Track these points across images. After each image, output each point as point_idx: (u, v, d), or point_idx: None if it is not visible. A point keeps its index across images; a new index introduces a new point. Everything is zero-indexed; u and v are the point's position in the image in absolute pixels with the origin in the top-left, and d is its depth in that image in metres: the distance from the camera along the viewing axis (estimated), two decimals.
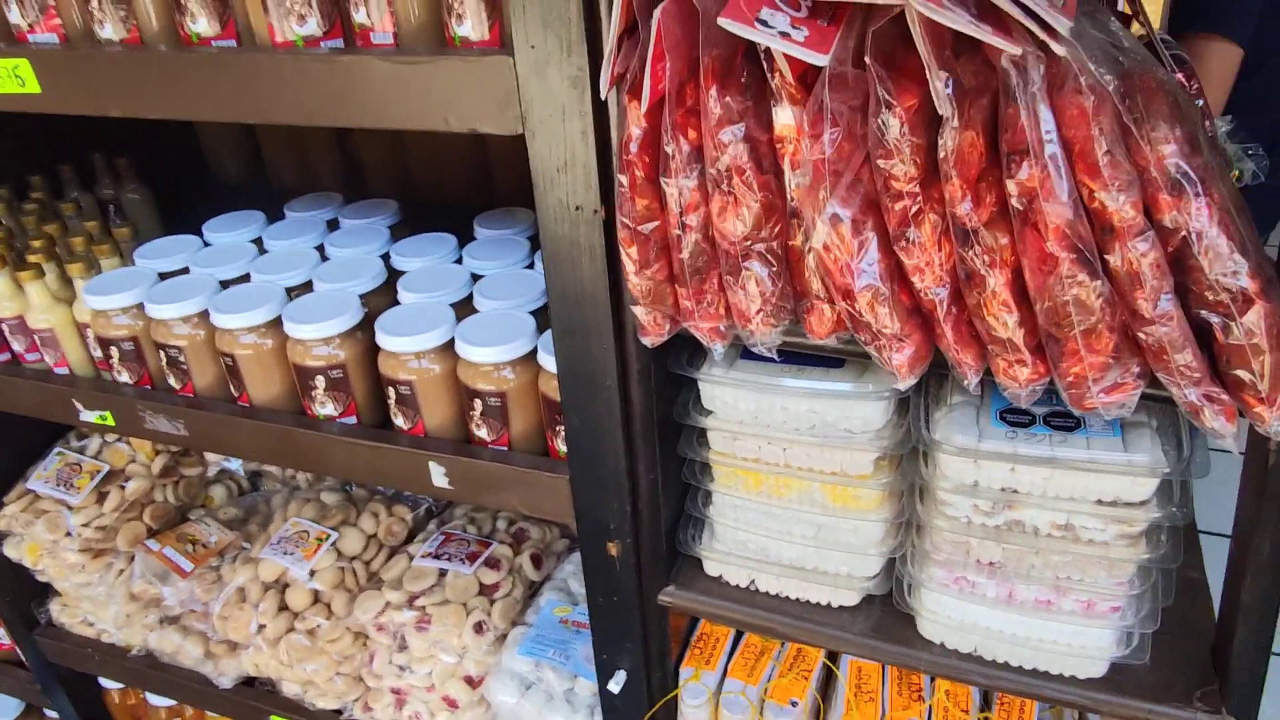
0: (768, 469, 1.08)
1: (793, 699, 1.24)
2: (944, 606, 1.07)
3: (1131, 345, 0.77)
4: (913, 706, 1.22)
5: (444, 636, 1.50)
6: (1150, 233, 0.72)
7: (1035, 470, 0.93)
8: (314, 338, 1.23)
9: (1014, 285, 0.78)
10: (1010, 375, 0.82)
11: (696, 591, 1.20)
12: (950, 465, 0.97)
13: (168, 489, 1.85)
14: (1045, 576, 0.99)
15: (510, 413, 1.19)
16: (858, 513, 1.06)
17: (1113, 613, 1.00)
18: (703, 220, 0.86)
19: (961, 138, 0.74)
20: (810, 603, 1.17)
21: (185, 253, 1.45)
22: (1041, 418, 0.97)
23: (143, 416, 1.38)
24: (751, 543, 1.15)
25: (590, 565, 1.21)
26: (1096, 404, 0.79)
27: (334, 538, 1.64)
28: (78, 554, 1.73)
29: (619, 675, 1.29)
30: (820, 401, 1.01)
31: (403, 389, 1.21)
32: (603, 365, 1.03)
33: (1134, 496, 0.92)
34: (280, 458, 1.32)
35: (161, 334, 1.33)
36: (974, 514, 0.99)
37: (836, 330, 0.89)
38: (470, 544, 1.63)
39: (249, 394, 1.32)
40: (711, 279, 0.90)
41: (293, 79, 0.98)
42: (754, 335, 0.90)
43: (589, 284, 0.99)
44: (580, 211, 0.95)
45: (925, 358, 0.86)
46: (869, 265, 0.80)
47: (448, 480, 1.22)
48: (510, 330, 1.18)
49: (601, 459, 1.10)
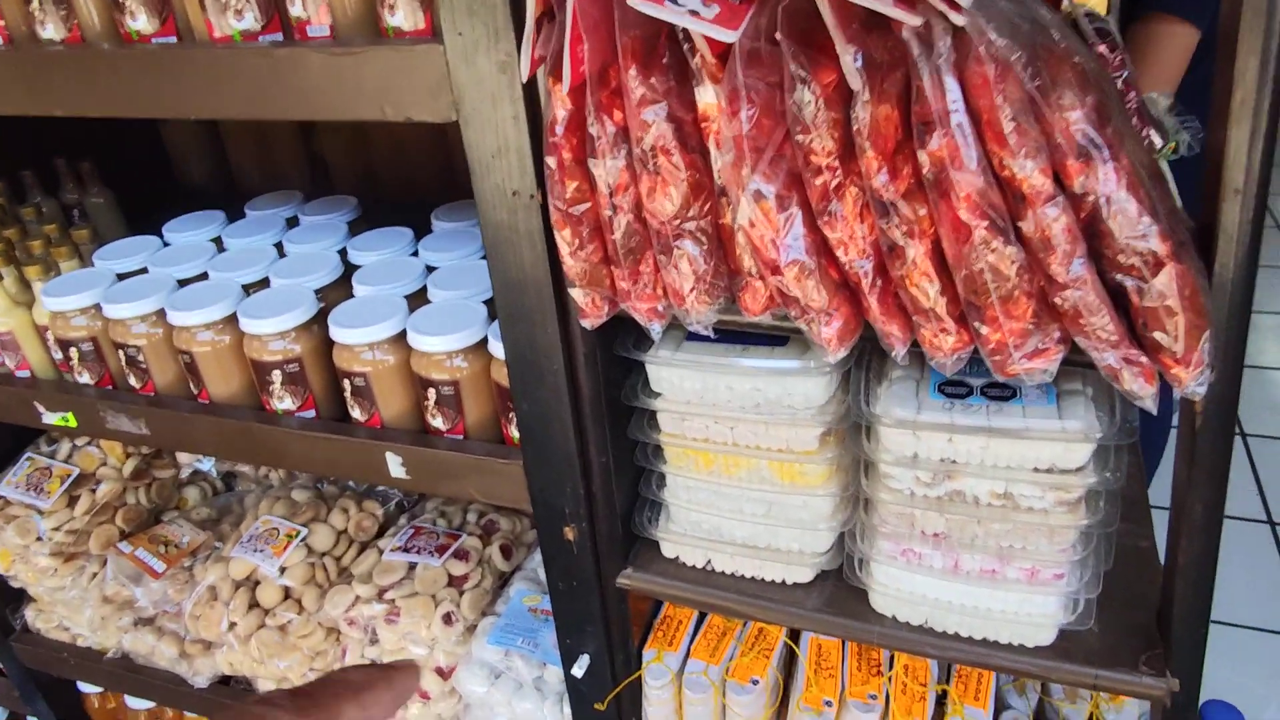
0: (716, 448, 1.09)
1: (754, 677, 1.25)
2: (893, 579, 1.08)
3: (1050, 311, 0.79)
4: (871, 681, 1.23)
5: (413, 628, 1.51)
6: (1060, 199, 0.73)
7: (972, 440, 0.95)
8: (269, 332, 1.24)
9: (934, 255, 0.79)
10: (935, 345, 0.83)
11: (654, 573, 1.21)
12: (891, 438, 0.98)
13: (140, 491, 1.86)
14: (988, 545, 1.01)
15: (464, 402, 1.20)
16: (806, 488, 1.07)
17: (1056, 580, 1.01)
18: (633, 201, 0.87)
19: (875, 111, 0.75)
20: (765, 581, 1.18)
21: (144, 253, 1.46)
22: (979, 389, 0.98)
23: (104, 417, 1.39)
24: (705, 523, 1.17)
25: (548, 551, 1.22)
26: (1019, 370, 0.81)
27: (304, 534, 1.65)
28: (49, 558, 1.74)
29: (582, 660, 1.30)
30: (763, 379, 1.02)
31: (357, 381, 1.22)
32: (548, 351, 1.04)
33: (1070, 463, 0.93)
34: (241, 453, 1.33)
35: (120, 334, 1.34)
36: (916, 486, 1.00)
37: (770, 307, 0.91)
38: (439, 536, 1.64)
39: (208, 391, 1.32)
40: (646, 259, 0.91)
41: (230, 73, 0.99)
42: (690, 314, 0.91)
43: (530, 269, 1.00)
44: (517, 197, 0.96)
45: (855, 330, 0.87)
46: (794, 240, 0.81)
47: (405, 470, 1.23)
48: (462, 319, 1.19)
49: (552, 444, 1.11)
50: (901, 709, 1.19)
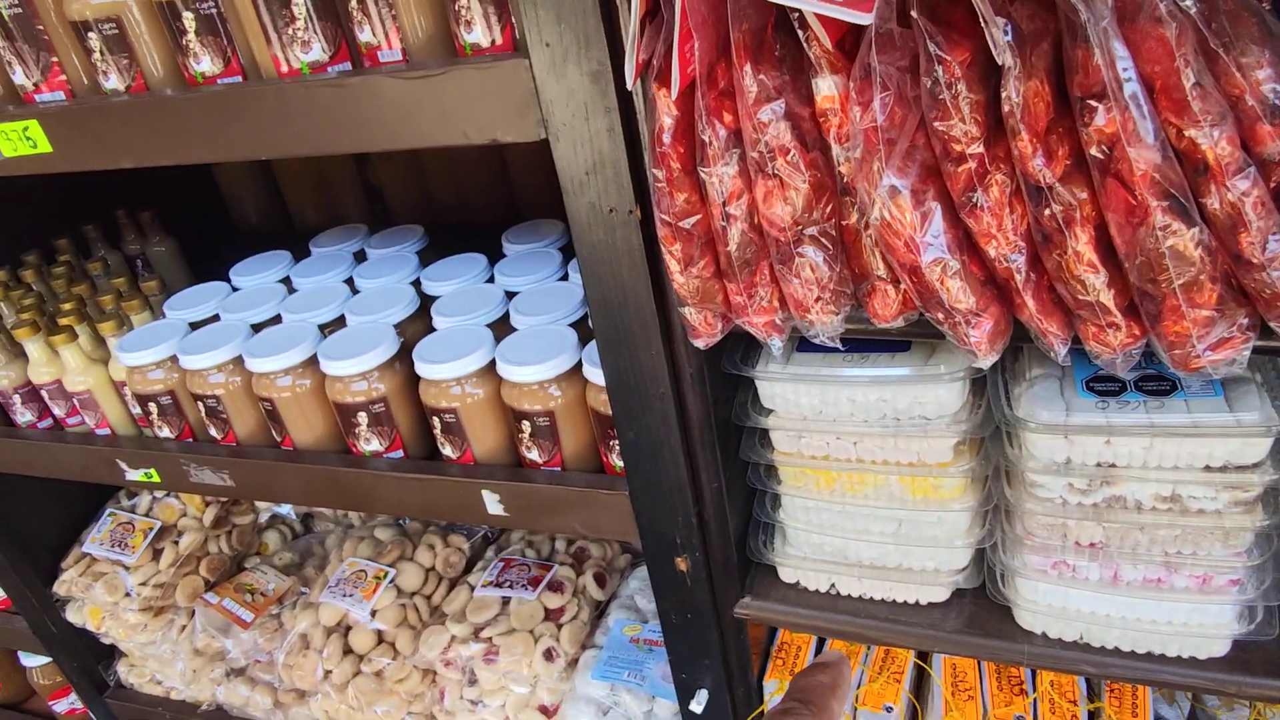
0: (838, 465, 1.01)
1: (886, 704, 1.17)
2: (1042, 594, 0.99)
3: (1237, 295, 0.70)
4: (1015, 702, 1.14)
5: (513, 667, 1.46)
6: (1251, 169, 0.64)
7: (1133, 440, 0.86)
8: (352, 373, 1.19)
9: (1098, 243, 0.71)
10: (1102, 341, 0.75)
11: (773, 600, 1.14)
12: (1038, 444, 0.90)
13: (221, 540, 1.83)
14: (1153, 554, 0.92)
15: (560, 431, 1.14)
16: (940, 503, 0.99)
17: (1231, 586, 0.92)
18: (747, 208, 0.80)
19: (1026, 87, 0.67)
20: (897, 602, 1.10)
21: (214, 300, 1.42)
22: (1132, 383, 0.89)
23: (187, 470, 1.35)
24: (828, 545, 1.09)
25: (659, 583, 1.15)
26: (1204, 363, 0.72)
27: (392, 575, 1.61)
28: (138, 614, 1.72)
29: (700, 695, 1.23)
30: (889, 389, 0.94)
31: (447, 417, 1.17)
32: (653, 373, 0.97)
33: (1245, 459, 0.84)
34: (329, 499, 1.28)
35: (197, 384, 1.30)
36: (1069, 493, 0.92)
37: (904, 312, 0.83)
38: (531, 569, 1.58)
39: (291, 437, 1.28)
40: (762, 270, 0.84)
41: (302, 108, 0.94)
42: (813, 325, 0.84)
43: (630, 289, 0.93)
44: (615, 214, 0.89)
45: (1005, 332, 0.79)
46: (934, 237, 0.74)
47: (503, 508, 1.17)
48: (552, 346, 1.12)
49: (661, 472, 1.04)
50: None
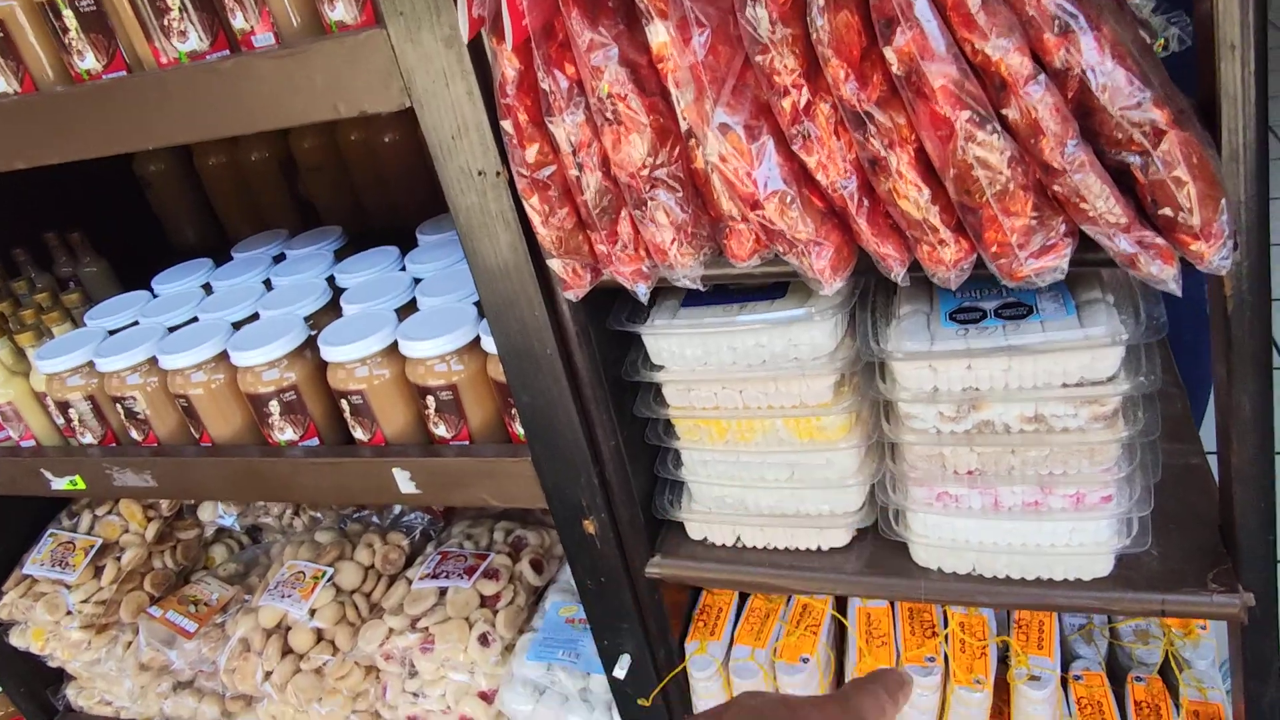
0: (728, 414, 1.04)
1: (803, 655, 1.19)
2: (932, 527, 1.02)
3: (1051, 203, 0.74)
4: (927, 644, 1.17)
5: (450, 654, 1.47)
6: (1042, 77, 0.68)
7: (993, 363, 0.89)
8: (261, 362, 1.21)
9: (919, 162, 0.74)
10: (935, 259, 0.78)
11: (683, 558, 1.16)
12: (906, 374, 0.93)
13: (165, 555, 1.84)
14: (1027, 475, 0.95)
15: (465, 405, 1.16)
16: (827, 444, 1.02)
17: (1105, 503, 0.95)
18: (599, 157, 0.83)
19: (834, 18, 0.71)
20: (800, 550, 1.12)
21: (134, 308, 1.44)
22: (992, 311, 0.93)
23: (110, 474, 1.36)
24: (729, 497, 1.11)
25: (570, 548, 1.17)
26: (1028, 272, 0.75)
27: (329, 574, 1.61)
28: (80, 631, 1.71)
29: (623, 660, 1.24)
30: (764, 333, 0.97)
31: (355, 399, 1.19)
32: (539, 333, 1.00)
33: (1099, 373, 0.88)
34: (248, 492, 1.30)
35: (115, 387, 1.31)
36: (940, 422, 0.95)
37: (757, 250, 0.86)
38: (468, 559, 1.60)
39: (209, 433, 1.30)
40: (622, 218, 0.87)
41: (182, 95, 0.97)
42: (675, 269, 0.87)
43: (507, 251, 0.96)
44: (484, 176, 0.92)
45: (848, 260, 0.82)
46: (770, 170, 0.77)
47: (414, 484, 1.19)
48: (452, 321, 1.15)
49: (558, 434, 1.07)
50: (962, 668, 1.13)
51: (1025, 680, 1.10)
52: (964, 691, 1.11)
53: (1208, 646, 1.25)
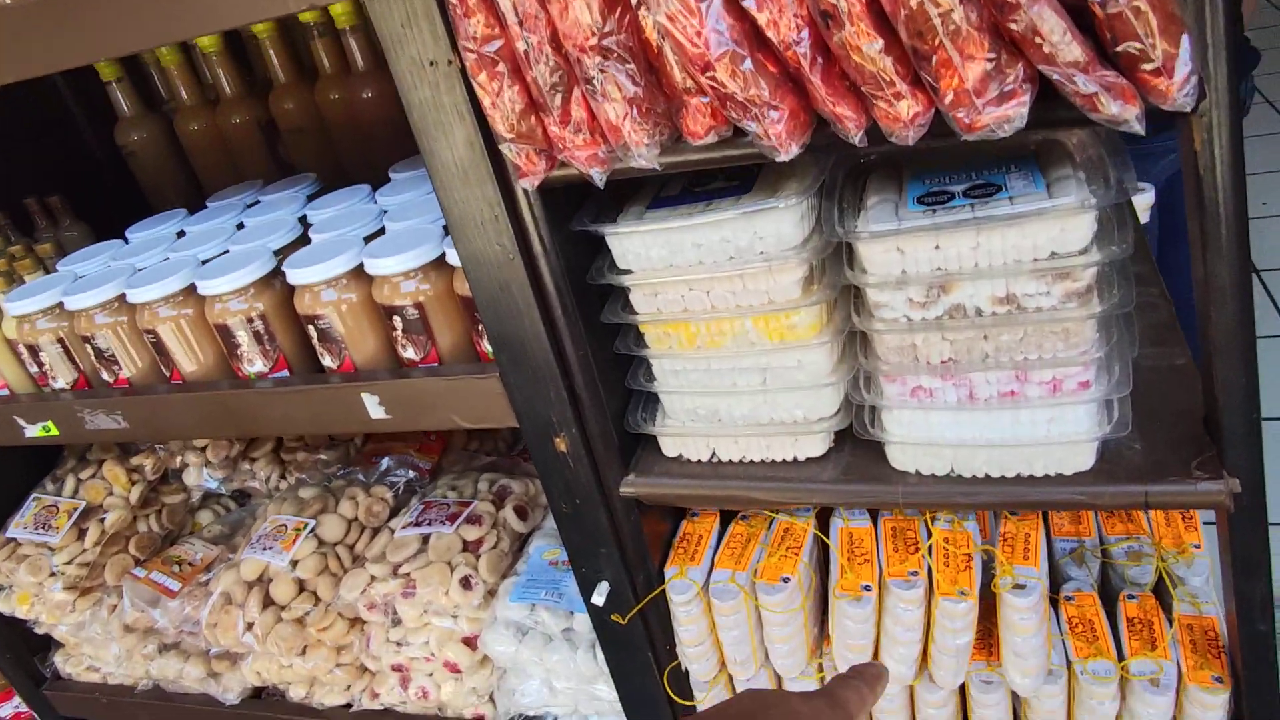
0: (696, 317, 1.02)
1: (784, 575, 1.16)
2: (907, 425, 0.99)
3: (1008, 46, 0.71)
4: (910, 559, 1.13)
5: (432, 598, 1.44)
6: None
7: (960, 239, 0.87)
8: (227, 291, 1.19)
9: (871, 10, 0.72)
10: (893, 118, 0.76)
11: (658, 475, 1.14)
12: (873, 258, 0.91)
13: (151, 519, 1.82)
14: (1001, 362, 0.92)
15: (433, 325, 1.14)
16: (797, 343, 1.00)
17: (1083, 389, 0.92)
18: (547, 30, 0.81)
19: None
20: (776, 462, 1.10)
21: (106, 254, 1.43)
22: (960, 193, 0.90)
23: (82, 418, 1.34)
24: (701, 408, 1.09)
25: (544, 469, 1.15)
26: (988, 121, 0.73)
27: (312, 525, 1.59)
28: (64, 592, 1.70)
29: (601, 586, 1.22)
30: (729, 226, 0.95)
31: (322, 324, 1.17)
32: (500, 236, 0.98)
33: (1071, 245, 0.85)
34: (220, 427, 1.28)
35: (84, 327, 1.30)
36: (910, 309, 0.92)
37: (715, 125, 0.84)
38: (451, 506, 1.57)
39: (180, 370, 1.28)
40: (575, 99, 0.85)
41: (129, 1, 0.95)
42: (630, 150, 0.85)
43: (463, 147, 0.94)
44: (435, 67, 0.90)
45: (805, 125, 0.80)
46: (719, 28, 0.75)
47: (384, 410, 1.17)
48: (416, 239, 1.13)
49: (524, 345, 1.05)
50: (946, 580, 1.10)
51: (1010, 589, 1.07)
52: (948, 603, 1.08)
53: (1202, 564, 1.22)
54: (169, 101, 1.97)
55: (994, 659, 1.17)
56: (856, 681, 0.67)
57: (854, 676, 0.68)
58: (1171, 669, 1.10)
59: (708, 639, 1.23)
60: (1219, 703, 1.06)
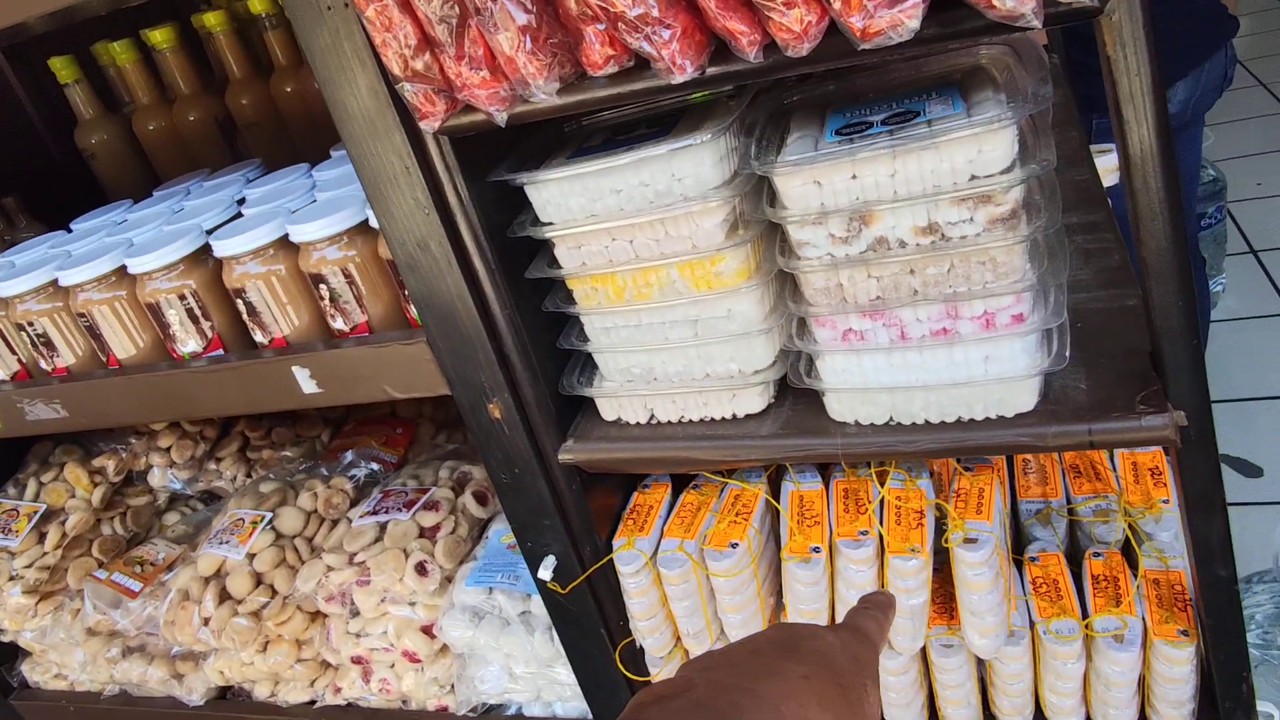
0: (621, 269, 0.98)
1: (732, 541, 1.12)
2: (841, 371, 0.95)
3: None
4: (860, 519, 1.09)
5: (388, 585, 1.41)
6: None
7: (878, 167, 0.83)
8: (156, 267, 1.17)
9: None
10: (786, 29, 0.72)
11: (596, 439, 1.10)
12: (791, 193, 0.87)
13: (115, 521, 1.80)
14: (930, 296, 0.88)
15: (361, 292, 1.11)
16: (725, 290, 0.96)
17: (1017, 322, 0.88)
18: None
19: None
20: (715, 420, 1.06)
21: (46, 244, 1.41)
22: (879, 122, 0.87)
23: (22, 409, 1.32)
24: (636, 367, 1.05)
25: (480, 439, 1.11)
26: (881, 25, 0.70)
27: (269, 518, 1.56)
28: (24, 596, 1.67)
29: (548, 561, 1.18)
30: (646, 168, 0.92)
31: (250, 297, 1.14)
32: (413, 190, 0.95)
33: (991, 165, 0.81)
34: (156, 410, 1.26)
35: (20, 315, 1.28)
36: (833, 245, 0.88)
37: (613, 55, 0.81)
38: (409, 494, 1.54)
39: (115, 355, 1.25)
40: (471, 34, 0.82)
41: None
42: (530, 84, 0.82)
43: (367, 95, 0.91)
44: (332, 11, 0.88)
45: (701, 44, 0.77)
46: None
47: (316, 383, 1.14)
48: (339, 205, 1.10)
49: (449, 307, 1.02)
50: (897, 539, 1.05)
51: (961, 543, 1.02)
52: (898, 561, 1.03)
53: (1171, 519, 1.17)
54: (127, 103, 1.96)
55: (954, 622, 1.12)
56: (873, 611, 0.68)
57: (869, 606, 0.69)
58: (1136, 624, 1.05)
59: (659, 612, 1.19)
60: (1185, 656, 1.01)
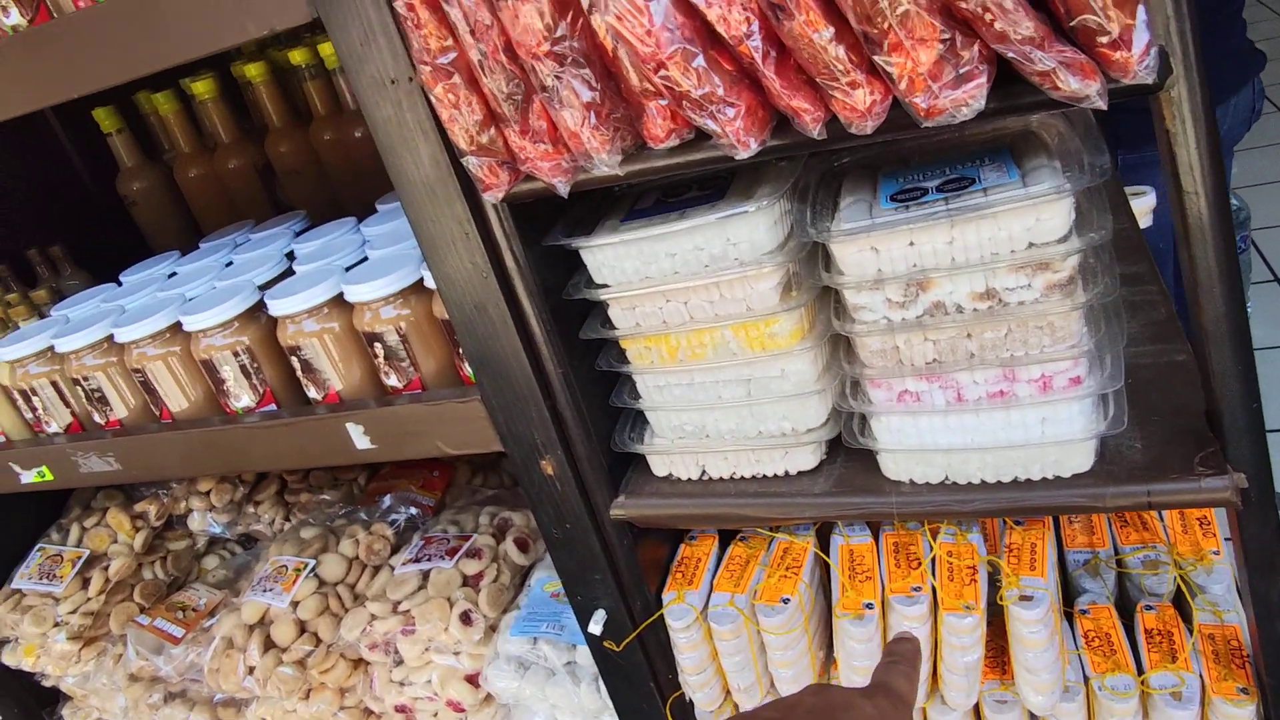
0: (675, 329, 0.99)
1: (784, 596, 1.12)
2: (897, 432, 0.96)
3: (962, 27, 0.69)
4: (913, 574, 1.09)
5: (432, 634, 1.41)
6: None
7: (935, 234, 0.84)
8: (212, 325, 1.19)
9: (821, 2, 0.71)
10: (850, 108, 0.74)
11: (648, 496, 1.11)
12: (848, 259, 0.88)
13: (155, 565, 1.81)
14: (987, 360, 0.89)
15: (414, 351, 1.13)
16: (779, 351, 0.97)
17: (1074, 385, 0.88)
18: (501, 39, 0.80)
19: None
20: (767, 477, 1.07)
21: (98, 297, 1.44)
22: (934, 188, 0.88)
23: (76, 462, 1.34)
24: (688, 424, 1.06)
25: (533, 495, 1.12)
26: (946, 105, 0.71)
27: (312, 565, 1.58)
28: (69, 642, 1.69)
29: (598, 615, 1.18)
30: (702, 233, 0.93)
31: (305, 355, 1.16)
32: (472, 254, 0.97)
33: (1048, 234, 0.82)
34: (207, 464, 1.27)
35: (76, 369, 1.30)
36: (890, 310, 0.89)
37: (675, 128, 0.82)
38: (450, 541, 1.55)
39: (168, 408, 1.27)
40: (534, 110, 0.84)
41: (98, 35, 0.96)
42: (592, 157, 0.84)
43: (429, 165, 0.93)
44: (396, 85, 0.90)
45: (763, 120, 0.78)
46: (670, 25, 0.74)
47: (369, 440, 1.15)
48: (394, 265, 1.12)
49: (503, 364, 1.03)
50: (950, 595, 1.05)
51: (1016, 600, 1.02)
52: (953, 618, 1.03)
53: (1222, 571, 1.16)
54: (168, 150, 2.00)
55: (1007, 677, 1.12)
56: (903, 666, 0.67)
57: (896, 659, 0.68)
58: (1194, 681, 1.04)
59: (709, 666, 1.19)
60: (1246, 715, 1.00)
